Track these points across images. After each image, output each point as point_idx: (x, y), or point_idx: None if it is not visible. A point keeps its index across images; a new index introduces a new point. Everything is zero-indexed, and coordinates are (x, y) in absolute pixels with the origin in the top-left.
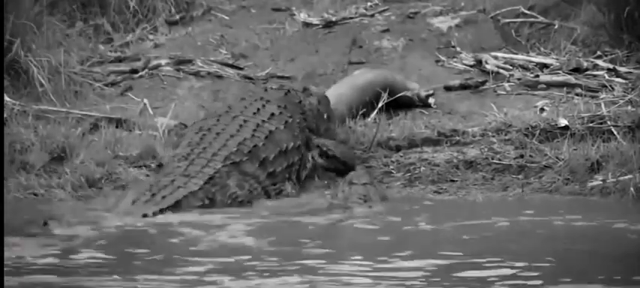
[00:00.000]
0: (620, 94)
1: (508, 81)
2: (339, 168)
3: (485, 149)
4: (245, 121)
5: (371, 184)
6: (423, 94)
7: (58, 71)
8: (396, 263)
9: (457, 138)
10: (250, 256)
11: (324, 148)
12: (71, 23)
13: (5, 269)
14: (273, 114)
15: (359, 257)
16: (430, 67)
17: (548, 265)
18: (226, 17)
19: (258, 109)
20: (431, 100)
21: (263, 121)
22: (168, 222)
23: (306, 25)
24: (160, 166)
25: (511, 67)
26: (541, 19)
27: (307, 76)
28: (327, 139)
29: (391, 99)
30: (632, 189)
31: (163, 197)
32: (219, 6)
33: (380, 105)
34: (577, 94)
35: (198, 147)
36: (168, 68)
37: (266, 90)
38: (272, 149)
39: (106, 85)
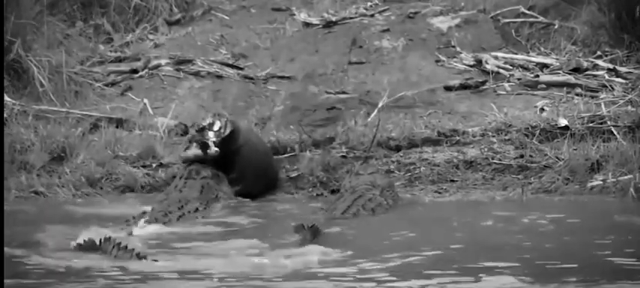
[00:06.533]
0: (620, 94)
1: (508, 81)
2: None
3: (486, 149)
4: None
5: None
6: None
7: (59, 71)
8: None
9: (457, 138)
10: None
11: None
12: (71, 23)
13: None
14: None
15: None
16: (430, 67)
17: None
18: (226, 17)
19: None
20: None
21: None
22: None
23: (306, 25)
24: (161, 164)
25: (511, 67)
26: (541, 19)
27: (307, 76)
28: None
29: None
30: (632, 189)
31: None
32: (219, 6)
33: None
34: (577, 94)
35: None
36: (168, 68)
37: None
38: None
39: (106, 85)
